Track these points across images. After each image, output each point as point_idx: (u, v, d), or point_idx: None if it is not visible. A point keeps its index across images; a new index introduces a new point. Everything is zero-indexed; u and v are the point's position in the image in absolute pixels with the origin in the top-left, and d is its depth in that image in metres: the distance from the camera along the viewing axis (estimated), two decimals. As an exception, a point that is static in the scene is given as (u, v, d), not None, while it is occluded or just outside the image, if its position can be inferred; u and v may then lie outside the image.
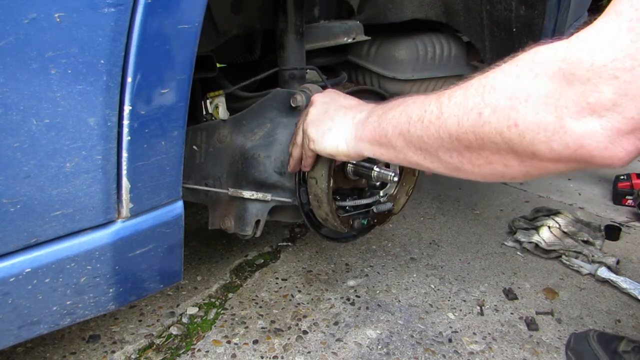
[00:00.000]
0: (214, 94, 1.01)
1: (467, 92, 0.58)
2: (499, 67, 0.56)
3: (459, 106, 0.58)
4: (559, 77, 0.49)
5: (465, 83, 0.60)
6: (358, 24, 1.29)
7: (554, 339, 1.07)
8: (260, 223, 0.99)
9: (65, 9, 0.53)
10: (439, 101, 0.61)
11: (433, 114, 0.61)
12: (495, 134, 0.54)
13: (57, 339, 1.04)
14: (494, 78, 0.55)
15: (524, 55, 0.54)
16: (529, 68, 0.52)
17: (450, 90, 0.61)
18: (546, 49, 0.52)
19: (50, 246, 0.62)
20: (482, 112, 0.55)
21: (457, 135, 0.58)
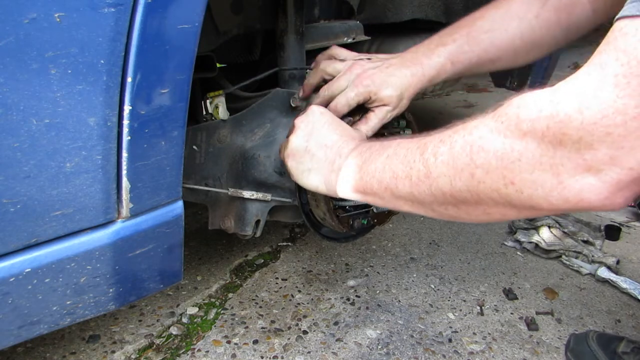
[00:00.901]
0: (214, 94, 1.01)
1: (454, 151, 0.57)
2: (482, 122, 0.55)
3: (447, 166, 0.58)
4: (549, 137, 0.49)
5: (446, 136, 0.59)
6: (358, 24, 1.29)
7: (554, 339, 1.07)
8: (260, 223, 0.99)
9: (65, 9, 0.53)
10: (424, 158, 0.61)
11: (420, 172, 0.61)
12: (491, 191, 0.54)
13: (57, 339, 1.04)
14: (480, 136, 0.55)
15: (507, 110, 0.53)
16: (515, 126, 0.51)
17: (432, 143, 0.60)
18: (530, 104, 0.51)
19: (50, 246, 0.62)
20: (474, 172, 0.55)
21: (451, 192, 0.58)
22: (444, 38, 0.88)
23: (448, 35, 0.88)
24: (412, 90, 0.86)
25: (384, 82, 0.84)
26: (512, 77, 1.47)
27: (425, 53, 0.87)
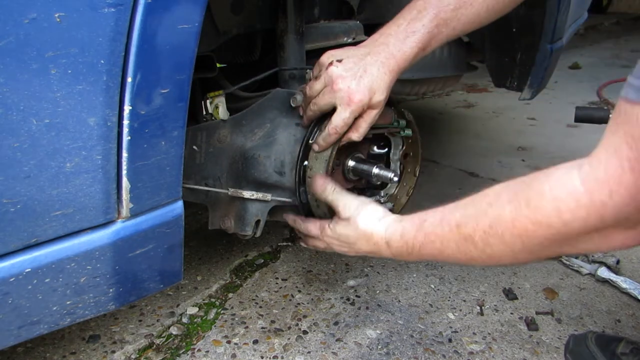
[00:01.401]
0: (214, 94, 1.01)
1: (505, 240, 0.66)
2: (520, 212, 0.64)
3: (504, 251, 0.67)
4: (590, 221, 0.58)
5: (487, 226, 0.67)
6: (358, 24, 1.29)
7: (554, 339, 1.07)
8: (260, 223, 0.99)
9: (65, 9, 0.53)
10: (478, 248, 0.70)
11: (482, 256, 0.70)
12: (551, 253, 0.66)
13: (57, 339, 1.04)
14: (525, 229, 0.63)
15: (544, 203, 0.61)
16: (557, 217, 0.60)
17: (478, 236, 0.69)
18: (566, 197, 0.59)
19: (50, 246, 0.62)
20: (532, 250, 0.65)
21: (516, 261, 0.70)
22: (413, 24, 0.87)
23: (416, 20, 0.87)
24: (391, 84, 0.87)
25: (371, 89, 0.84)
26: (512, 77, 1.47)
27: (396, 45, 0.87)
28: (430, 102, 3.08)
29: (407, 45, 0.86)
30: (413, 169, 1.09)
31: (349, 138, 0.89)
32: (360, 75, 0.84)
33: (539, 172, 0.65)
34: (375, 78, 0.85)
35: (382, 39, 0.88)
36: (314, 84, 0.89)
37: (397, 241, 0.82)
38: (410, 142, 1.07)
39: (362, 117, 0.87)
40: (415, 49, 0.87)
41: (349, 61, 0.87)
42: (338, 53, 0.89)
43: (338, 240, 0.89)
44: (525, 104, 2.55)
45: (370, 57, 0.87)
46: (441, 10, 0.87)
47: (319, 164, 0.89)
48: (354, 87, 0.83)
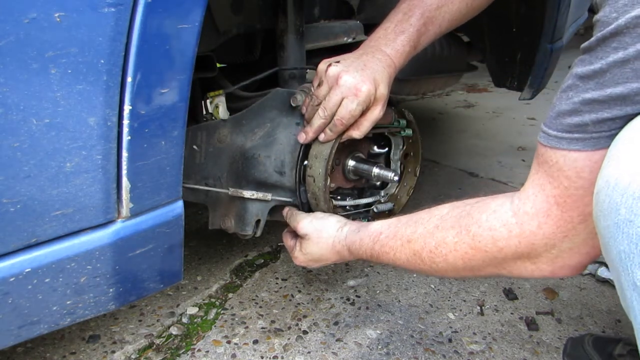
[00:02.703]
0: (214, 94, 1.01)
1: (449, 261, 0.74)
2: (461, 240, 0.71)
3: (448, 268, 0.75)
4: (521, 248, 0.66)
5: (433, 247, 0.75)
6: (358, 24, 1.29)
7: (554, 339, 1.07)
8: (261, 223, 0.99)
9: (65, 9, 0.53)
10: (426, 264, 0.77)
11: (430, 270, 0.78)
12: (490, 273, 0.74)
13: (57, 339, 1.04)
14: (465, 252, 0.71)
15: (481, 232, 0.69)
16: (493, 244, 0.68)
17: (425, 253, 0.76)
18: (500, 228, 0.67)
19: (50, 246, 0.62)
20: (472, 268, 0.73)
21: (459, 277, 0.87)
22: (401, 25, 0.90)
23: (404, 22, 0.90)
24: (390, 82, 0.89)
25: (375, 81, 0.85)
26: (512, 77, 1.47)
27: (388, 44, 0.89)
28: (430, 102, 3.08)
29: (398, 44, 0.89)
30: (413, 169, 1.09)
31: (350, 135, 0.90)
32: (361, 68, 0.85)
33: (478, 200, 0.73)
34: (376, 71, 0.86)
35: (373, 42, 0.91)
36: (319, 91, 0.89)
37: (357, 249, 0.88)
38: (411, 142, 1.07)
39: (365, 115, 0.88)
40: (407, 47, 0.90)
41: (347, 60, 0.88)
42: (333, 58, 0.91)
43: (307, 257, 0.96)
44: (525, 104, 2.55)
45: (366, 56, 0.88)
46: (426, 10, 0.90)
47: (319, 163, 0.89)
48: (359, 78, 0.84)
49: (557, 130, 0.59)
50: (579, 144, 0.57)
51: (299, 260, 0.98)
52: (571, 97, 0.56)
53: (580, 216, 0.61)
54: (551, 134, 0.59)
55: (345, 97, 0.85)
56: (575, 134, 0.57)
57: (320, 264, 0.98)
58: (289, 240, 1.01)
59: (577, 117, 0.56)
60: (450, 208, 0.76)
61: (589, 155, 0.57)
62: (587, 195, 0.58)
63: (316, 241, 0.93)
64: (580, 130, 0.56)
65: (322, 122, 0.88)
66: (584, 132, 0.56)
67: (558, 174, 0.60)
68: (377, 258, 0.85)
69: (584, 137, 0.57)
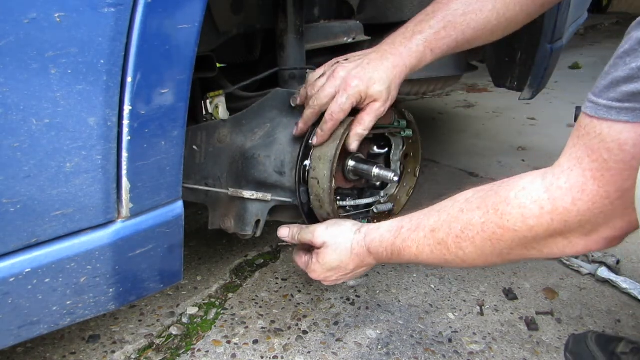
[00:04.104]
0: (214, 94, 1.01)
1: (476, 244, 0.70)
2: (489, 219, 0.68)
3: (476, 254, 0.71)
4: (554, 225, 0.63)
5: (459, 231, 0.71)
6: (358, 24, 1.29)
7: (554, 339, 1.07)
8: (261, 223, 0.99)
9: (65, 9, 0.53)
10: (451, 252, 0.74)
11: (456, 260, 0.74)
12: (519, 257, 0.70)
13: (57, 339, 1.04)
14: (493, 232, 0.68)
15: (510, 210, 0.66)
16: (523, 222, 0.65)
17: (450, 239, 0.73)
18: (530, 205, 0.64)
19: (50, 246, 0.62)
20: (501, 252, 0.69)
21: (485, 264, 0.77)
22: (420, 25, 0.88)
23: (424, 22, 0.88)
24: (397, 81, 0.88)
25: (371, 79, 0.85)
26: (512, 77, 1.47)
27: (403, 43, 0.88)
28: (430, 102, 3.08)
29: (413, 43, 0.87)
30: (413, 169, 1.09)
31: (355, 132, 0.88)
32: (362, 66, 0.85)
33: (505, 180, 0.69)
34: (377, 69, 0.85)
35: (389, 39, 0.89)
36: (317, 81, 0.89)
37: (377, 247, 0.84)
38: (411, 143, 1.07)
39: (365, 109, 0.87)
40: (422, 47, 0.87)
41: (354, 57, 0.89)
42: (345, 56, 0.91)
43: (325, 267, 0.91)
44: (525, 104, 2.55)
45: (375, 54, 0.88)
46: (449, 14, 0.88)
47: (323, 165, 0.89)
48: (352, 73, 0.84)
49: (608, 99, 0.56)
50: (629, 115, 0.55)
51: (317, 273, 0.93)
52: (628, 62, 0.54)
53: (618, 192, 0.57)
54: (600, 103, 0.57)
55: (337, 91, 0.85)
56: (627, 104, 0.55)
57: (338, 275, 0.92)
58: (303, 257, 0.96)
59: (633, 84, 0.54)
60: (475, 191, 0.73)
61: (635, 128, 0.55)
62: (627, 169, 0.55)
63: (334, 248, 0.89)
64: (632, 99, 0.54)
65: (311, 111, 0.88)
66: (636, 101, 0.54)
67: (599, 146, 0.57)
68: (399, 255, 0.81)
69: (635, 107, 0.54)
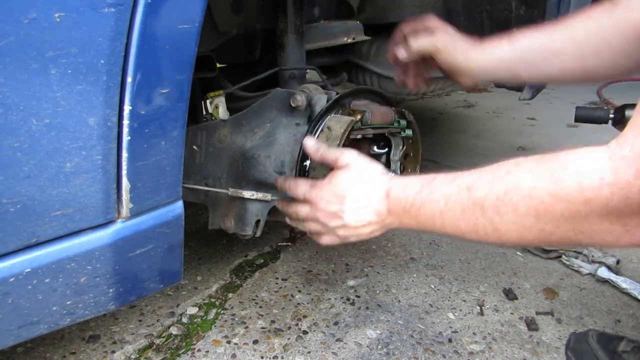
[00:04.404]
0: (214, 94, 1.01)
1: (519, 212, 0.61)
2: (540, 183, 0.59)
3: (514, 224, 0.62)
4: (614, 201, 0.54)
5: (502, 194, 0.62)
6: (358, 24, 1.29)
7: (554, 339, 1.07)
8: (260, 223, 0.99)
9: (65, 9, 0.53)
10: (487, 216, 0.64)
11: (487, 227, 0.64)
12: (561, 239, 0.61)
13: (57, 339, 1.04)
14: (542, 200, 0.58)
15: (566, 176, 0.57)
16: (579, 193, 0.56)
17: (489, 201, 0.63)
18: (591, 172, 0.55)
19: (50, 246, 0.62)
20: (543, 228, 0.60)
21: (522, 242, 0.67)
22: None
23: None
24: None
25: None
26: (512, 77, 1.47)
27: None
28: (430, 102, 3.08)
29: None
30: (413, 169, 1.09)
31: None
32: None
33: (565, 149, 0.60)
34: None
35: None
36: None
37: (397, 193, 0.74)
38: (411, 143, 1.07)
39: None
40: None
41: None
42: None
43: (333, 194, 0.79)
44: (525, 104, 2.55)
45: None
46: None
47: (322, 166, 0.89)
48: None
49: None
50: None
51: (318, 193, 0.80)
52: None
53: None
54: None
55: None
56: None
57: (339, 207, 0.78)
58: (302, 185, 0.84)
59: None
60: (527, 157, 0.64)
61: None
62: None
63: (355, 171, 0.78)
64: None
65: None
66: None
67: None
68: (420, 210, 0.70)
69: None
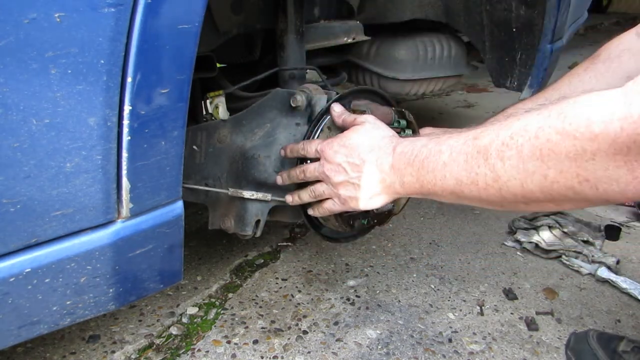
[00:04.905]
0: (214, 94, 1.01)
1: (522, 155, 0.58)
2: (546, 123, 0.56)
3: (517, 169, 0.59)
4: (622, 138, 0.50)
5: (508, 138, 0.59)
6: (358, 24, 1.29)
7: (554, 339, 1.07)
8: (260, 223, 0.99)
9: (65, 9, 0.53)
10: (489, 163, 0.61)
11: (488, 176, 0.62)
12: (565, 190, 0.56)
13: (57, 339, 1.04)
14: (548, 139, 0.56)
15: (575, 111, 0.54)
16: (586, 127, 0.53)
17: (493, 147, 0.61)
18: (600, 106, 0.52)
19: (50, 246, 0.62)
20: (546, 174, 0.56)
21: (523, 194, 0.60)
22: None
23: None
24: None
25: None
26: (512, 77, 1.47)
27: None
28: (430, 102, 3.08)
29: None
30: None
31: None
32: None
33: None
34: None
35: None
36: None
37: (404, 147, 0.75)
38: (410, 142, 1.07)
39: None
40: None
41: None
42: None
43: (342, 145, 0.80)
44: (525, 104, 2.55)
45: None
46: None
47: None
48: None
49: None
50: None
51: (329, 144, 0.81)
52: None
53: None
54: None
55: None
56: None
57: (347, 159, 0.79)
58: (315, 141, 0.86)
59: None
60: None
61: None
62: None
63: (370, 126, 0.80)
64: None
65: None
66: None
67: None
68: (421, 164, 0.70)
69: None
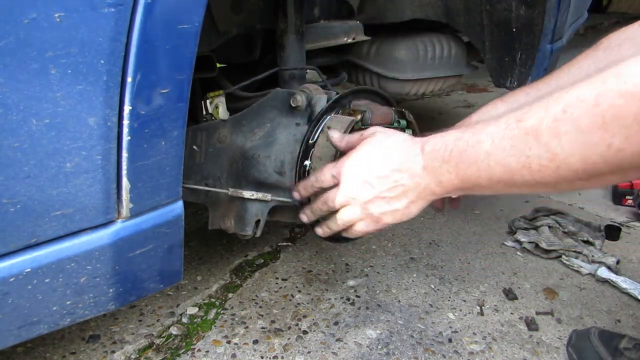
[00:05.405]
0: (214, 94, 1.01)
1: (582, 127, 0.53)
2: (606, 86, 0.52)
3: (576, 143, 0.54)
4: None
5: (560, 112, 0.55)
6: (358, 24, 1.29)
7: (554, 339, 1.07)
8: (260, 223, 0.99)
9: (65, 9, 0.53)
10: (542, 142, 0.57)
11: (543, 157, 0.57)
12: (632, 156, 0.52)
13: (57, 339, 1.04)
14: (610, 104, 0.51)
15: (632, 70, 0.50)
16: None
17: (544, 125, 0.56)
18: None
19: (50, 246, 0.62)
20: (611, 143, 0.52)
21: (584, 168, 0.55)
22: None
23: None
24: None
25: None
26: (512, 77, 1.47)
27: None
28: (430, 102, 3.08)
29: None
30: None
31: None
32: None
33: None
34: None
35: None
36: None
37: (434, 144, 0.69)
38: (410, 142, 1.07)
39: None
40: None
41: None
42: None
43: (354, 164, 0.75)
44: (525, 104, 2.55)
45: None
46: None
47: (323, 165, 0.89)
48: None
49: None
50: None
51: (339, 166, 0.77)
52: None
53: None
54: None
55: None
56: None
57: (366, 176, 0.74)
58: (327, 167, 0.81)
59: None
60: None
61: None
62: None
63: (383, 135, 0.75)
64: None
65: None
66: None
67: None
68: (459, 158, 0.65)
69: None
